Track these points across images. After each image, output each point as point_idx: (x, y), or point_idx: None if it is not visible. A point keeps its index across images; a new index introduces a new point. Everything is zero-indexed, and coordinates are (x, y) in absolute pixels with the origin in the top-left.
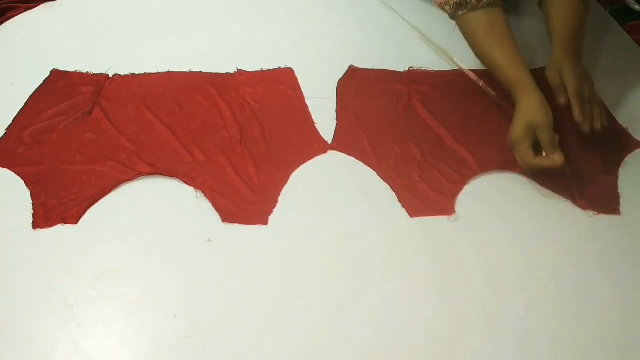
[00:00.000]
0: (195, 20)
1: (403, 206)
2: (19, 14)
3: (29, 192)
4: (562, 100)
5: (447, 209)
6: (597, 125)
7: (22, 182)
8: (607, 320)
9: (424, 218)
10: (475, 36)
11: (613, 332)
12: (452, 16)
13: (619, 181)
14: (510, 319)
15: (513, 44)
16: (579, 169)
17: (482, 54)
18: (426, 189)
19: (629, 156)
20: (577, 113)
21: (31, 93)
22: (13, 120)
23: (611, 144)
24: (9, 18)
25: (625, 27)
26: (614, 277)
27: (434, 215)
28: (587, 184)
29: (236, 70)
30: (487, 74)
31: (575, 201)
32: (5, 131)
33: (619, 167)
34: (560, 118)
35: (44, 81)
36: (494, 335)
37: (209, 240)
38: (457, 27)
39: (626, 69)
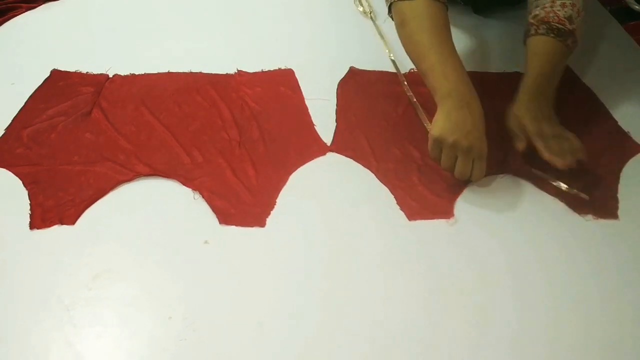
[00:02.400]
0: (195, 21)
1: (401, 209)
2: (20, 14)
3: (26, 193)
4: (519, 146)
5: (445, 212)
6: (570, 160)
7: (20, 182)
8: (603, 325)
9: (423, 221)
10: (418, 23)
11: (609, 337)
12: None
13: (619, 185)
14: (507, 323)
15: (453, 45)
16: (580, 172)
17: (422, 42)
18: (425, 192)
19: (631, 160)
20: (542, 152)
21: (31, 93)
22: (12, 120)
23: (613, 147)
24: (11, 18)
25: (625, 27)
26: (610, 282)
27: (433, 219)
28: (587, 188)
29: (236, 71)
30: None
31: (572, 205)
32: (4, 131)
33: (620, 171)
34: (562, 119)
35: (44, 81)
36: (491, 340)
37: (206, 242)
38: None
39: (627, 69)
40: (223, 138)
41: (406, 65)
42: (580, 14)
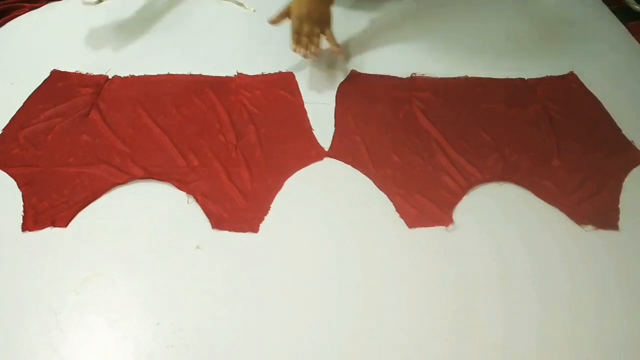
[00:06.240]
0: (196, 22)
1: (401, 216)
2: (23, 14)
3: (20, 194)
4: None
5: (445, 219)
6: (315, 50)
7: (14, 183)
8: (602, 336)
9: (422, 229)
10: None
11: (607, 347)
12: None
13: (621, 196)
14: (505, 330)
15: None
16: (582, 182)
17: None
18: (424, 199)
19: (634, 170)
20: (291, 43)
21: (30, 93)
22: (10, 121)
23: (615, 156)
24: (13, 17)
25: (625, 27)
26: (610, 293)
27: (432, 226)
28: (589, 198)
29: (236, 74)
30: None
31: (572, 215)
32: (1, 131)
33: (623, 181)
34: (564, 128)
35: (44, 81)
36: (490, 346)
37: (198, 247)
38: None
39: (629, 71)
40: (220, 141)
41: (407, 71)
42: None
